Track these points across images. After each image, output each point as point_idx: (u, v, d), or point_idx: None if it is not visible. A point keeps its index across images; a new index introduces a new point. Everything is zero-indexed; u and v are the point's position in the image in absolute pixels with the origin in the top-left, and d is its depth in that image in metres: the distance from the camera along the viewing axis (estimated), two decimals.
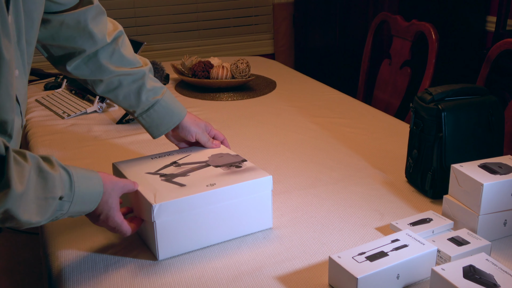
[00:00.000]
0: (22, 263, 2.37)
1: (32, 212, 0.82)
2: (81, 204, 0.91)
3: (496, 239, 1.05)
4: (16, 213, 0.79)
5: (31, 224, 0.84)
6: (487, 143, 1.22)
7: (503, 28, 2.72)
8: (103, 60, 1.14)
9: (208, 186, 1.03)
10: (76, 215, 0.93)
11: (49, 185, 0.85)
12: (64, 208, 0.89)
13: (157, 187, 1.03)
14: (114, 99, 1.19)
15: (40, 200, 0.83)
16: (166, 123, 1.19)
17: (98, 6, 1.14)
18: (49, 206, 0.85)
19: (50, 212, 0.86)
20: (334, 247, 1.05)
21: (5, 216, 0.79)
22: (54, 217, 0.89)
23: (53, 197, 0.85)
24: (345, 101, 1.95)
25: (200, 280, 0.95)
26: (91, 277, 0.97)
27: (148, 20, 3.44)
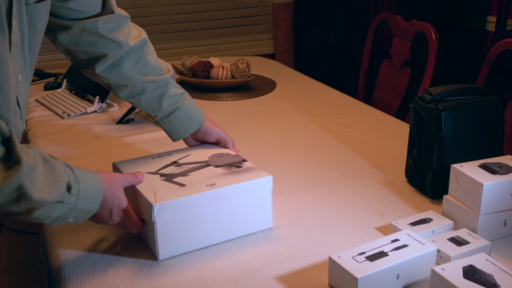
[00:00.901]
0: (22, 263, 2.37)
1: (44, 192, 0.84)
2: (86, 200, 0.92)
3: (496, 239, 1.05)
4: (29, 190, 0.80)
5: (44, 204, 0.84)
6: (487, 143, 1.22)
7: (503, 28, 2.72)
8: (127, 69, 1.16)
9: (209, 186, 1.03)
10: (81, 216, 0.94)
11: (55, 170, 0.87)
12: (72, 201, 0.89)
13: (157, 187, 1.03)
14: (136, 104, 1.22)
15: (50, 183, 0.85)
16: (185, 128, 1.22)
17: (119, 15, 1.15)
18: (59, 188, 0.86)
19: (60, 195, 0.86)
20: (334, 247, 1.05)
21: (19, 194, 0.80)
22: (62, 212, 0.89)
23: (62, 180, 0.87)
24: (345, 101, 1.95)
25: (200, 280, 0.95)
26: (91, 277, 0.97)
27: (148, 20, 3.44)
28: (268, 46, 3.78)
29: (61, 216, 0.90)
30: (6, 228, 2.62)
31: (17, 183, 0.79)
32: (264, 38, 3.76)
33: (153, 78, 1.19)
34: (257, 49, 3.73)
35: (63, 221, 0.92)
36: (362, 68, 2.33)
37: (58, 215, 0.89)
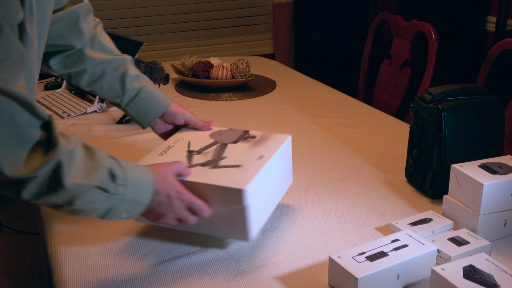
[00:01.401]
0: (22, 263, 2.37)
1: (81, 177, 0.82)
2: (135, 190, 0.89)
3: (496, 239, 1.05)
4: (64, 173, 0.79)
5: (80, 189, 0.82)
6: (487, 143, 1.22)
7: (503, 28, 2.72)
8: (84, 49, 1.15)
9: (259, 158, 1.05)
10: (134, 209, 0.91)
11: (95, 157, 0.85)
12: (120, 191, 0.87)
13: (221, 175, 0.99)
14: (99, 91, 1.19)
15: (89, 169, 0.84)
16: (154, 110, 1.19)
17: (88, 5, 1.16)
18: (99, 174, 0.84)
19: (101, 180, 0.84)
20: (334, 247, 1.05)
21: (55, 179, 0.79)
22: (111, 203, 0.87)
23: (102, 166, 0.85)
24: (345, 101, 1.95)
25: (200, 280, 0.95)
26: (91, 277, 0.97)
27: (148, 20, 3.44)
28: (268, 46, 3.78)
29: (111, 209, 0.88)
30: (6, 228, 2.62)
31: (54, 162, 0.78)
32: (264, 38, 3.76)
33: (110, 58, 1.18)
34: (257, 49, 3.73)
35: (115, 215, 0.89)
36: (362, 68, 2.33)
37: (107, 208, 0.87)
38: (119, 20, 3.37)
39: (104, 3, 3.32)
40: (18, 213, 2.76)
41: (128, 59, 1.21)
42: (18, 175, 0.76)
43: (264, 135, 1.16)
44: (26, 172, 0.76)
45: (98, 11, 3.30)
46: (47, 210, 1.19)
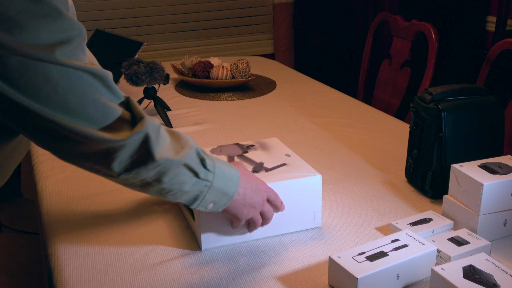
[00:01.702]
0: (22, 263, 2.37)
1: (170, 152, 0.83)
2: (222, 179, 0.90)
3: (496, 239, 1.05)
4: (153, 144, 0.79)
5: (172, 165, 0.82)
6: (487, 143, 1.22)
7: (503, 28, 2.72)
8: None
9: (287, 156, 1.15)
10: (220, 200, 0.91)
11: (182, 140, 0.86)
12: (209, 178, 0.87)
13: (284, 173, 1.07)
14: None
15: (177, 147, 0.85)
16: None
17: (72, 6, 1.15)
18: (187, 152, 0.85)
19: (190, 158, 0.85)
20: (334, 247, 1.05)
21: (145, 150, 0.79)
22: (199, 189, 0.87)
23: (190, 145, 0.86)
24: (345, 101, 1.95)
25: (200, 280, 0.95)
26: (91, 277, 0.97)
27: (148, 20, 3.44)
28: (268, 46, 3.78)
29: (199, 196, 0.88)
30: (6, 228, 2.62)
31: (143, 134, 0.78)
32: (264, 38, 3.76)
33: None
34: (257, 49, 3.73)
35: (202, 204, 0.89)
36: (362, 68, 2.33)
37: (195, 194, 0.88)
38: (119, 20, 3.37)
39: (104, 3, 3.32)
40: (18, 213, 2.76)
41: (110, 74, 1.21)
42: (108, 139, 0.77)
43: (257, 141, 1.22)
44: (116, 138, 0.77)
45: (98, 11, 3.30)
46: (47, 210, 1.19)
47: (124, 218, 1.15)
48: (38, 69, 0.71)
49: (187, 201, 0.89)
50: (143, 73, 1.63)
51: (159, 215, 1.16)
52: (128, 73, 1.65)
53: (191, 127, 1.68)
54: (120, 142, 0.77)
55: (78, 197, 1.24)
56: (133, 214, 1.17)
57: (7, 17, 0.68)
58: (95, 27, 2.66)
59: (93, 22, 3.27)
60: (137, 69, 1.63)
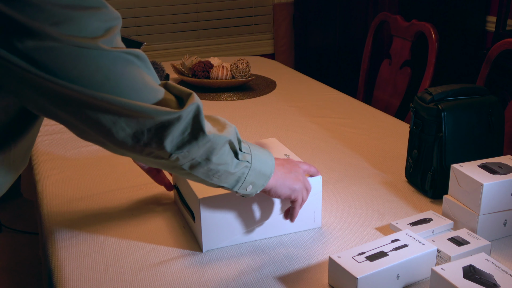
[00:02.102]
0: (22, 263, 2.37)
1: (215, 129, 0.85)
2: (259, 161, 0.92)
3: (496, 239, 1.05)
4: (203, 118, 0.82)
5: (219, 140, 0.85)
6: (487, 143, 1.22)
7: (503, 28, 2.72)
8: None
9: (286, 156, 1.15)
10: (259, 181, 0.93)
11: (221, 120, 0.90)
12: (247, 159, 0.90)
13: None
14: None
15: (219, 126, 0.88)
16: None
17: None
18: (229, 130, 0.88)
19: (232, 135, 0.88)
20: (334, 247, 1.05)
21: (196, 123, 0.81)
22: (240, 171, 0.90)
23: (230, 124, 0.89)
24: (345, 101, 1.95)
25: (200, 280, 0.95)
26: (91, 277, 0.97)
27: (148, 20, 3.44)
28: (268, 46, 3.78)
29: (241, 178, 0.90)
30: (6, 228, 2.62)
31: (195, 106, 0.80)
32: (264, 38, 3.76)
33: None
34: (257, 49, 3.73)
35: (243, 186, 0.91)
36: (362, 68, 2.33)
37: (238, 176, 0.90)
38: None
39: None
40: (18, 213, 2.76)
41: None
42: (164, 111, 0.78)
43: (256, 142, 1.22)
44: (172, 110, 0.79)
45: None
46: (47, 210, 1.19)
47: (124, 218, 1.15)
48: (89, 58, 0.73)
49: (230, 184, 0.91)
50: None
51: (158, 215, 1.16)
52: None
53: None
54: (176, 114, 0.79)
55: (78, 197, 1.24)
56: (133, 214, 1.17)
57: (54, 11, 0.70)
58: None
59: None
60: None
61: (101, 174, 1.37)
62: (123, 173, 1.36)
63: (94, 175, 1.36)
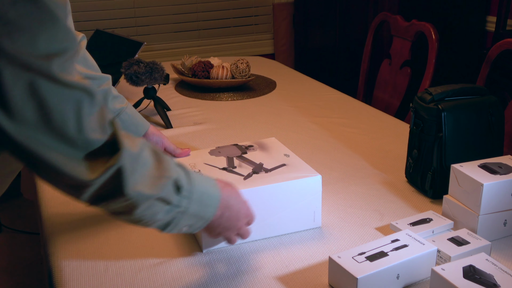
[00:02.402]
0: (22, 263, 2.37)
1: (144, 185, 0.76)
2: (199, 204, 0.84)
3: (496, 239, 1.05)
4: (127, 177, 0.73)
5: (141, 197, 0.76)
6: (487, 143, 1.22)
7: (503, 28, 2.72)
8: None
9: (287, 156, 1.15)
10: (196, 223, 0.87)
11: (163, 166, 0.80)
12: (183, 204, 0.82)
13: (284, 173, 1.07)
14: None
15: (153, 178, 0.78)
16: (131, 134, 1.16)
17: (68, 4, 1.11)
18: (162, 184, 0.79)
19: (166, 191, 0.79)
20: (334, 247, 1.05)
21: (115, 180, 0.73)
22: (172, 216, 0.82)
23: (167, 177, 0.79)
24: (345, 101, 1.95)
25: (200, 280, 0.95)
26: (91, 277, 0.97)
27: (148, 20, 3.44)
28: (268, 46, 3.78)
29: (172, 222, 0.83)
30: (6, 228, 2.62)
31: (114, 170, 0.73)
32: (264, 38, 3.76)
33: (94, 74, 1.12)
34: (257, 49, 3.73)
35: (175, 229, 0.84)
36: (362, 68, 2.33)
37: (168, 220, 0.82)
38: (119, 20, 3.37)
39: (104, 3, 3.31)
40: (18, 213, 2.76)
41: (110, 78, 1.16)
42: (81, 179, 0.72)
43: (256, 142, 1.23)
44: (88, 178, 0.72)
45: (98, 11, 3.30)
46: (47, 210, 1.19)
47: None
48: (29, 82, 0.65)
49: (159, 228, 0.84)
50: (143, 73, 1.63)
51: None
52: (128, 73, 1.65)
53: (191, 127, 1.68)
54: (91, 182, 0.72)
55: None
56: None
57: (7, 19, 0.64)
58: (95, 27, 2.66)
59: (93, 22, 3.27)
60: (137, 69, 1.63)
61: None
62: None
63: None
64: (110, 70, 1.25)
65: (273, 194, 1.05)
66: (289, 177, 1.06)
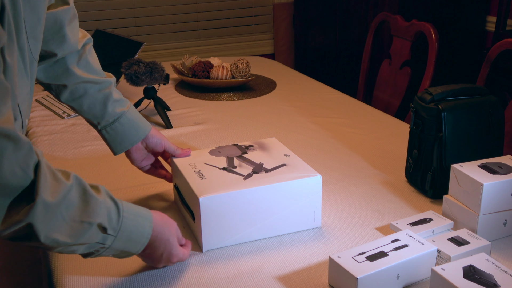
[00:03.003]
0: (22, 263, 2.37)
1: (61, 232, 0.76)
2: (126, 241, 0.85)
3: (496, 239, 1.05)
4: (39, 229, 0.72)
5: (57, 244, 0.76)
6: (487, 143, 1.22)
7: (503, 28, 2.72)
8: (70, 64, 1.10)
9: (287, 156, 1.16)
10: (120, 255, 0.87)
11: (89, 209, 0.79)
12: (107, 242, 0.82)
13: (285, 174, 1.08)
14: (78, 109, 1.13)
15: (74, 223, 0.77)
16: (131, 138, 1.14)
17: (73, 8, 1.08)
18: (83, 230, 0.78)
19: (84, 237, 0.79)
20: (334, 247, 1.05)
21: (28, 231, 0.73)
22: (93, 249, 0.82)
23: (89, 222, 0.79)
24: (345, 101, 1.95)
25: (200, 280, 0.95)
26: (91, 277, 0.96)
27: (148, 20, 3.44)
28: (268, 46, 3.78)
29: (94, 253, 0.83)
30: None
31: (23, 224, 0.71)
32: (264, 38, 3.76)
33: (95, 78, 1.12)
34: (257, 49, 3.73)
35: (97, 256, 0.85)
36: (362, 68, 2.33)
37: (88, 252, 0.83)
38: (119, 20, 3.37)
39: (104, 3, 3.32)
40: None
41: (113, 81, 1.15)
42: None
43: (256, 142, 1.23)
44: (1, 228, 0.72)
45: (98, 11, 3.30)
46: None
47: None
48: None
49: (81, 255, 0.84)
50: (143, 73, 1.63)
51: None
52: (128, 73, 1.65)
53: (191, 127, 1.68)
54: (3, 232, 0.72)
55: None
56: None
57: None
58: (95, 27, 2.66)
59: (93, 22, 3.27)
60: (137, 69, 1.63)
61: (100, 174, 1.37)
62: (122, 173, 1.36)
63: (94, 175, 1.36)
64: (110, 70, 1.25)
65: (273, 194, 1.05)
66: (289, 177, 1.06)
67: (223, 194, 1.01)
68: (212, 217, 1.01)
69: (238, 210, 1.03)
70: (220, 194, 1.00)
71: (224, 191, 1.01)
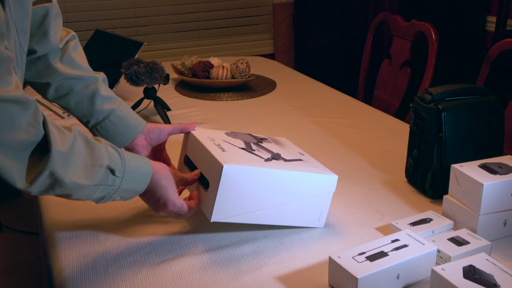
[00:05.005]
0: (22, 263, 2.37)
1: (80, 176, 0.85)
2: (131, 181, 0.93)
3: (496, 239, 1.05)
4: (61, 176, 0.81)
5: (78, 187, 0.85)
6: (487, 143, 1.22)
7: (503, 28, 2.72)
8: (52, 60, 1.09)
9: (301, 154, 1.16)
10: (127, 195, 0.95)
11: (95, 154, 0.87)
12: (116, 183, 0.90)
13: (303, 166, 1.07)
14: (66, 107, 1.12)
15: (87, 167, 0.86)
16: (121, 137, 1.11)
17: (56, 6, 1.07)
18: (96, 172, 0.87)
19: (99, 179, 0.87)
20: (334, 247, 1.05)
21: (52, 181, 0.81)
22: (106, 192, 0.90)
23: (100, 165, 0.87)
24: (345, 101, 1.95)
25: (200, 280, 0.95)
26: (91, 277, 0.97)
27: (148, 20, 3.44)
28: (268, 46, 3.78)
29: (106, 196, 0.91)
30: (6, 228, 2.62)
31: (48, 171, 0.80)
32: (264, 38, 3.76)
33: (79, 75, 1.09)
34: (257, 49, 3.73)
35: (108, 200, 0.93)
36: (362, 68, 2.33)
37: (102, 196, 0.91)
38: (119, 20, 3.37)
39: (104, 3, 3.32)
40: (18, 213, 2.76)
41: (101, 78, 1.12)
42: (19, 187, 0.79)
43: (269, 136, 1.23)
44: (24, 187, 0.80)
45: (98, 11, 3.30)
46: (47, 210, 1.19)
47: (124, 218, 1.15)
48: None
49: (94, 200, 0.92)
50: (143, 73, 1.63)
51: (159, 215, 1.16)
52: (128, 73, 1.65)
53: None
54: (28, 189, 0.80)
55: None
56: (133, 214, 1.17)
57: None
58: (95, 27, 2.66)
59: (93, 22, 3.27)
60: (137, 69, 1.63)
61: None
62: None
63: None
64: (110, 70, 1.24)
65: (292, 181, 1.04)
66: (309, 170, 1.06)
67: (247, 168, 0.99)
68: (229, 187, 0.99)
69: (256, 187, 1.01)
70: (243, 167, 0.99)
71: (248, 165, 1.00)
